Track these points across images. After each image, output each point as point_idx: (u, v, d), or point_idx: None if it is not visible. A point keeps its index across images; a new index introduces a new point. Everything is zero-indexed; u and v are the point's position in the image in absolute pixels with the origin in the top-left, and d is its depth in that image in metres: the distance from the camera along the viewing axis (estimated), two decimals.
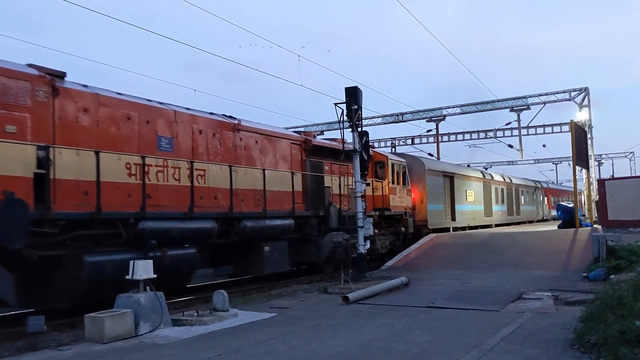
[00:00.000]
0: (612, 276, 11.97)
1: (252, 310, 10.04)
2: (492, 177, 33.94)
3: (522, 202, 39.44)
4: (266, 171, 14.21)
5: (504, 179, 36.44)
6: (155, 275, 8.72)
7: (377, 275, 15.09)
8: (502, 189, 34.90)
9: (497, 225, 31.77)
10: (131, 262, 8.56)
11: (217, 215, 12.63)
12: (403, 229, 21.08)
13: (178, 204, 11.66)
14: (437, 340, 7.25)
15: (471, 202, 29.16)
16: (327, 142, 18.54)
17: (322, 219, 16.26)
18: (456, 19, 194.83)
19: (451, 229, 25.63)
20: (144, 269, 8.48)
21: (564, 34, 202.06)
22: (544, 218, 45.43)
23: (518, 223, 36.37)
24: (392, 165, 20.98)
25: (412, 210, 22.35)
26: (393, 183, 20.78)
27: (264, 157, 14.84)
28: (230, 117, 14.14)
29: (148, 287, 8.53)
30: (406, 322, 8.55)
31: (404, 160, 22.40)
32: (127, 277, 8.55)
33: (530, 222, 39.91)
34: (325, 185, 16.96)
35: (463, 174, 29.05)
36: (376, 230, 18.04)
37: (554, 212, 46.33)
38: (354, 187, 16.61)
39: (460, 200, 27.58)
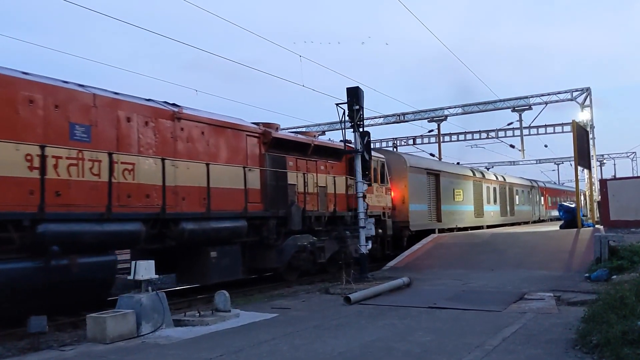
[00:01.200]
0: (614, 276, 11.96)
1: (254, 310, 10.04)
2: (483, 176, 31.85)
3: (517, 202, 37.31)
4: (211, 166, 12.40)
5: (497, 178, 34.35)
6: (157, 276, 8.70)
7: (379, 275, 15.07)
8: (495, 188, 32.87)
9: (488, 227, 29.95)
10: (132, 263, 8.57)
11: (146, 216, 10.97)
12: (381, 230, 19.22)
13: (98, 203, 10.05)
14: (439, 340, 7.25)
15: (459, 202, 27.30)
16: (292, 135, 16.67)
17: (283, 220, 14.62)
18: (457, 19, 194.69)
19: (436, 230, 23.75)
20: (145, 269, 8.48)
21: (565, 35, 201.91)
22: (541, 219, 43.22)
23: (512, 224, 34.42)
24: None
25: (392, 210, 20.81)
26: (370, 180, 18.81)
27: (212, 150, 12.92)
28: (173, 104, 12.43)
29: (150, 288, 8.54)
30: (408, 323, 8.54)
31: (383, 156, 20.61)
32: (128, 277, 8.55)
33: (526, 223, 38.05)
34: (289, 182, 15.08)
35: (450, 172, 27.11)
36: (347, 232, 16.95)
37: (553, 213, 44.91)
38: (324, 185, 15.73)
39: (447, 199, 25.72)
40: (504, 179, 35.60)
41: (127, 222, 10.62)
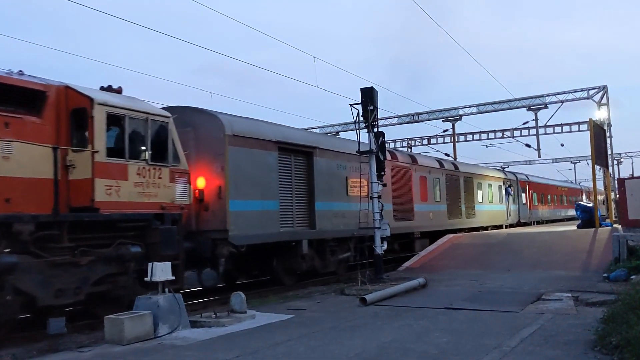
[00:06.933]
0: (633, 276, 11.84)
1: (269, 311, 10.06)
2: (413, 160, 22.00)
3: (480, 199, 27.91)
4: None
5: (442, 165, 24.66)
6: (174, 277, 8.75)
7: (395, 276, 15.03)
8: (438, 179, 23.65)
9: (422, 234, 21.30)
10: (150, 264, 8.63)
11: None
12: (136, 249, 10.17)
13: None
14: (456, 341, 7.21)
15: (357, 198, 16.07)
16: None
17: None
18: (473, 17, 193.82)
19: (303, 243, 14.68)
20: (162, 270, 8.54)
21: (580, 32, 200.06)
22: (522, 221, 34.22)
23: (472, 229, 25.81)
24: (112, 117, 10.05)
25: (204, 210, 12.44)
26: (118, 155, 10.10)
27: None
28: None
29: (166, 289, 8.59)
30: (424, 324, 8.51)
31: (167, 115, 11.27)
32: (145, 278, 8.61)
33: (497, 227, 29.52)
34: None
35: (338, 151, 16.62)
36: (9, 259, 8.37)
37: (541, 213, 39.83)
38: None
39: (331, 194, 15.95)
40: (456, 167, 26.23)
41: None
